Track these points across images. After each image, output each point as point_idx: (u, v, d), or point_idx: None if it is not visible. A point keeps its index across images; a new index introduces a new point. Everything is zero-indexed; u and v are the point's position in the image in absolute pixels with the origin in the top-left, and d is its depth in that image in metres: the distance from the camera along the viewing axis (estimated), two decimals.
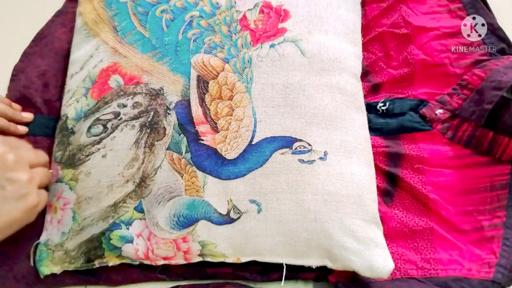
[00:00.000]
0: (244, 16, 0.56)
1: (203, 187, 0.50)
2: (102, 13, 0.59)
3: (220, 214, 0.49)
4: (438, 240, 0.54)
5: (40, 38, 0.67)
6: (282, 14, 0.56)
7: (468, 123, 0.57)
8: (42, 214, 0.56)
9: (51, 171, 0.55)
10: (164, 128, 0.52)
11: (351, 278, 0.52)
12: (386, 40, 0.63)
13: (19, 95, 0.62)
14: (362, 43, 0.60)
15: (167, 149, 0.51)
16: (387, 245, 0.51)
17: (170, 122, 0.52)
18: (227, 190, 0.50)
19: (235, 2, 0.57)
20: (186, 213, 0.50)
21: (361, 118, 0.54)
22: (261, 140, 0.51)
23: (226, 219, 0.49)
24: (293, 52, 0.54)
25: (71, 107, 0.56)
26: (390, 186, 0.56)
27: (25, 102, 0.62)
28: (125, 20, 0.58)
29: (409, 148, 0.58)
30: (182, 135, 0.52)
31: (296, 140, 0.50)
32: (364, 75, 0.61)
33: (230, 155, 0.51)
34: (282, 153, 0.50)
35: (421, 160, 0.57)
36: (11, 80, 0.63)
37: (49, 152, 0.58)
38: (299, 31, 0.55)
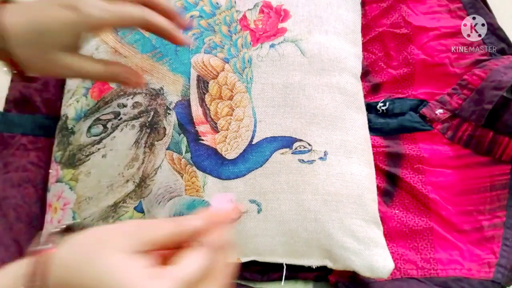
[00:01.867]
0: (244, 16, 0.56)
1: (203, 187, 0.50)
2: None
3: None
4: (438, 240, 0.54)
5: None
6: (282, 14, 0.56)
7: (468, 123, 0.57)
8: (42, 215, 0.56)
9: (51, 171, 0.56)
10: (164, 128, 0.52)
11: (351, 277, 0.52)
12: (386, 40, 0.63)
13: (19, 95, 0.62)
14: (362, 43, 0.60)
15: (167, 149, 0.51)
16: (387, 245, 0.51)
17: (170, 122, 0.52)
18: (227, 190, 0.50)
19: (235, 2, 0.57)
20: (186, 213, 0.49)
21: (361, 118, 0.54)
22: (261, 140, 0.51)
23: None
24: (293, 52, 0.54)
25: (71, 107, 0.56)
26: (390, 186, 0.56)
27: (24, 101, 0.62)
28: None
29: (409, 148, 0.58)
30: (182, 135, 0.52)
31: (296, 140, 0.50)
32: (364, 75, 0.61)
33: (230, 155, 0.51)
34: (282, 153, 0.50)
35: (421, 160, 0.57)
36: (12, 80, 0.63)
37: (49, 152, 0.58)
38: (299, 31, 0.55)
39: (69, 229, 0.35)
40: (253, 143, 0.51)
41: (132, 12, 0.41)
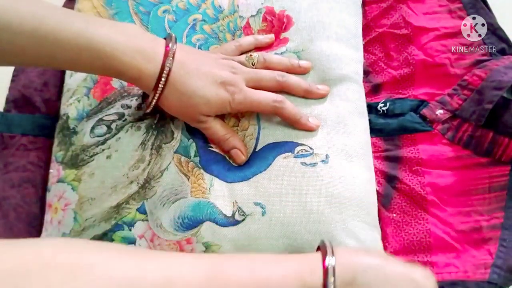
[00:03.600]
0: (248, 23, 0.56)
1: (209, 188, 0.50)
2: (102, 11, 0.59)
3: (225, 216, 0.49)
4: (435, 242, 0.54)
5: None
6: (284, 21, 0.56)
7: (468, 123, 0.57)
8: (42, 215, 0.56)
9: (51, 170, 0.55)
10: (172, 131, 0.52)
11: None
12: (386, 40, 0.63)
13: (19, 94, 0.62)
14: (363, 44, 0.60)
15: (175, 152, 0.52)
16: (385, 249, 0.52)
17: (178, 126, 0.52)
18: (232, 193, 0.50)
19: (237, 6, 0.57)
20: (191, 215, 0.50)
21: (363, 122, 0.54)
22: (264, 147, 0.51)
23: (231, 221, 0.49)
24: None
25: (71, 106, 0.56)
26: (389, 188, 0.56)
27: (24, 101, 0.61)
28: (126, 19, 0.57)
29: (407, 151, 0.57)
30: (191, 140, 0.52)
31: (298, 144, 0.51)
32: (365, 75, 0.61)
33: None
34: (285, 157, 0.50)
35: (419, 162, 0.57)
36: (12, 80, 0.62)
37: (49, 152, 0.58)
38: (301, 40, 0.55)
39: None
40: (256, 150, 0.51)
41: (265, 104, 0.50)
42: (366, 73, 0.61)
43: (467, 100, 0.57)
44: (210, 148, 0.52)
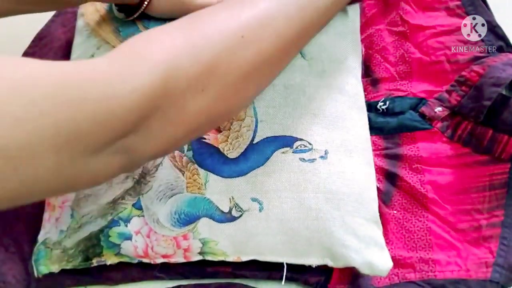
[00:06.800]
0: None
1: (205, 184, 0.50)
2: (104, 14, 0.59)
3: (222, 212, 0.49)
4: (436, 240, 0.54)
5: (40, 38, 0.67)
6: None
7: (468, 121, 0.57)
8: (42, 214, 0.56)
9: None
10: None
11: (350, 286, 0.52)
12: (383, 36, 0.63)
13: None
14: (361, 40, 0.60)
15: None
16: (386, 245, 0.51)
17: None
18: (228, 188, 0.50)
19: None
20: (187, 211, 0.49)
21: (362, 118, 0.54)
22: (262, 140, 0.51)
23: (228, 217, 0.49)
24: None
25: None
26: (389, 186, 0.56)
27: None
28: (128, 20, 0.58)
29: (408, 149, 0.57)
30: None
31: (297, 139, 0.50)
32: (362, 71, 0.61)
33: (232, 154, 0.51)
34: (283, 152, 0.50)
35: (419, 160, 0.57)
36: None
37: None
38: None
39: None
40: (254, 142, 0.51)
41: None
42: (364, 69, 0.61)
43: (465, 96, 0.57)
44: (204, 140, 0.51)
